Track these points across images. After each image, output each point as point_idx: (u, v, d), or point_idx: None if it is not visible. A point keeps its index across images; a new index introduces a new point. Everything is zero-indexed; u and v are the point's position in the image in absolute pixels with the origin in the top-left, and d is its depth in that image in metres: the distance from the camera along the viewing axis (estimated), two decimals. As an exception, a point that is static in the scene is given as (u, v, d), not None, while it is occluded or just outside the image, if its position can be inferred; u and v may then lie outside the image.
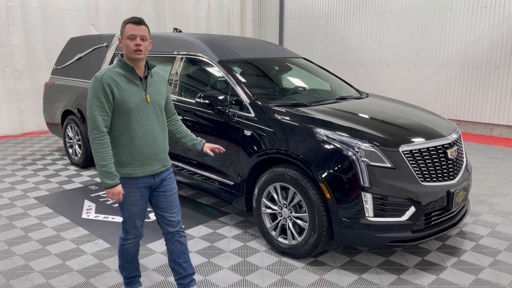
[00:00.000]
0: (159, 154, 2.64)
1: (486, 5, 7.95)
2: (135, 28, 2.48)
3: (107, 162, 2.45)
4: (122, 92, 2.48)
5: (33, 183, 5.43)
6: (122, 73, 2.52)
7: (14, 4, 7.95)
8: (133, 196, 2.59)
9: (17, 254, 3.60)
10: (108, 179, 2.46)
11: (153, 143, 2.59)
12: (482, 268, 3.39)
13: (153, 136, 2.59)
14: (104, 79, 2.45)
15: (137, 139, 2.54)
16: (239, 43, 4.86)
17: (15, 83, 8.23)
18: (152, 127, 2.59)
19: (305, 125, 3.46)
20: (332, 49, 10.40)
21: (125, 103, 2.48)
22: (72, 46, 6.43)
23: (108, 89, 2.44)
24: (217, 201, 4.78)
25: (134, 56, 2.50)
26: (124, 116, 2.50)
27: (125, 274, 2.87)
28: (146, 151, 2.57)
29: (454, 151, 3.49)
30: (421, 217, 3.19)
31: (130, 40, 2.48)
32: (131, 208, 2.62)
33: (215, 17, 11.21)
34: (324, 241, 3.30)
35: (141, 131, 2.55)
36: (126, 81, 2.51)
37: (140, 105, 2.53)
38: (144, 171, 2.59)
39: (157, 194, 2.71)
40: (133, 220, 2.66)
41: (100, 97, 2.43)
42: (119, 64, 2.54)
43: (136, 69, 2.55)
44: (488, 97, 8.19)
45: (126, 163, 2.55)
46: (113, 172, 2.47)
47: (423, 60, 8.91)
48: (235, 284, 3.17)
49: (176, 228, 2.76)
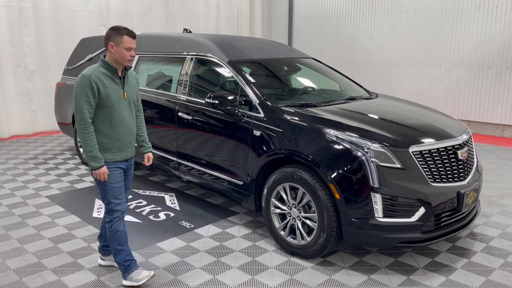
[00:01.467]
0: (132, 141, 3.13)
1: (497, 5, 7.87)
2: (132, 41, 2.93)
3: (93, 148, 2.89)
4: (106, 89, 2.90)
5: (45, 182, 5.50)
6: (106, 73, 2.93)
7: (26, 5, 8.05)
8: (114, 174, 3.02)
9: (30, 252, 3.65)
10: (94, 162, 2.91)
11: (128, 133, 3.06)
12: (493, 269, 3.37)
13: (129, 127, 3.06)
14: (92, 78, 2.85)
15: (117, 129, 2.99)
16: (249, 44, 4.88)
17: (27, 83, 8.33)
18: (128, 119, 3.05)
19: (314, 125, 3.46)
20: (342, 49, 10.38)
21: (108, 99, 2.91)
22: (83, 46, 6.50)
23: (95, 86, 2.85)
24: (226, 200, 4.80)
25: (126, 64, 2.96)
26: (107, 109, 2.93)
27: (121, 259, 3.12)
28: (123, 139, 3.03)
29: (465, 152, 3.48)
30: (431, 218, 3.18)
31: (127, 50, 2.91)
32: (114, 185, 3.02)
33: (225, 18, 11.24)
34: (333, 241, 3.30)
35: (120, 123, 3.00)
36: (110, 80, 2.94)
37: (119, 100, 2.98)
38: (121, 156, 3.05)
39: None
40: (115, 195, 3.04)
41: (88, 93, 2.84)
42: (103, 65, 2.94)
43: (118, 70, 2.99)
44: (499, 97, 8.12)
45: (107, 149, 2.99)
46: (98, 155, 2.92)
47: (433, 60, 8.85)
48: (244, 283, 3.19)
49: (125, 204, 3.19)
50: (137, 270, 3.13)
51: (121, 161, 3.06)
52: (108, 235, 3.10)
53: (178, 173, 4.67)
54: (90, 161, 2.91)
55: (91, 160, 2.90)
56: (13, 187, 5.31)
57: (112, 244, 3.10)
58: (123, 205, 3.09)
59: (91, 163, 2.91)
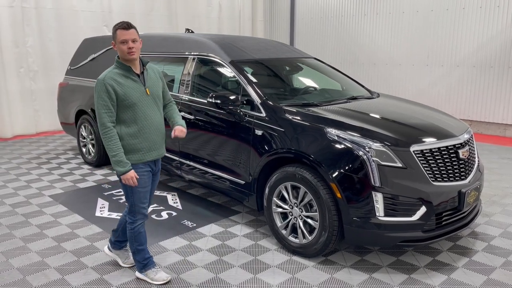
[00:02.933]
0: (161, 140, 3.03)
1: (500, 4, 7.87)
2: (125, 33, 2.80)
3: (116, 152, 2.81)
4: (123, 89, 2.81)
5: (48, 182, 5.53)
6: (121, 73, 2.85)
7: (29, 5, 8.10)
8: (143, 179, 2.95)
9: (33, 250, 3.68)
10: (120, 167, 2.82)
11: (157, 131, 2.97)
12: (494, 268, 3.38)
13: (157, 125, 2.97)
14: (106, 81, 2.78)
15: (144, 128, 2.90)
16: (250, 44, 4.90)
17: (30, 83, 8.37)
18: (153, 116, 2.94)
19: (316, 124, 3.48)
20: (343, 49, 10.38)
21: (127, 98, 2.82)
22: (86, 46, 6.53)
23: (111, 88, 2.77)
24: (228, 200, 4.82)
25: (128, 58, 2.83)
26: (129, 109, 2.84)
27: (140, 258, 3.14)
28: (152, 138, 2.94)
29: (466, 151, 3.48)
30: (432, 217, 3.19)
31: (122, 44, 2.80)
32: (140, 190, 2.96)
33: (227, 18, 11.26)
34: (335, 240, 3.32)
35: (147, 122, 2.90)
36: (126, 79, 2.84)
37: (141, 98, 2.88)
38: (151, 155, 2.96)
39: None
40: (140, 200, 2.99)
41: (104, 97, 2.77)
42: (117, 65, 2.87)
43: (132, 67, 2.88)
44: (501, 97, 8.11)
45: (137, 150, 2.90)
46: (123, 160, 2.82)
47: (435, 60, 8.85)
48: (246, 282, 3.21)
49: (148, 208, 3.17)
50: (154, 268, 3.17)
51: (151, 161, 3.00)
52: (129, 235, 3.09)
53: (180, 173, 4.69)
54: (115, 166, 2.82)
55: (116, 165, 2.82)
56: (17, 186, 5.34)
57: (133, 244, 3.11)
58: (146, 209, 3.08)
59: (116, 168, 2.83)
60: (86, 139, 6.25)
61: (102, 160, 6.07)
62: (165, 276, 3.17)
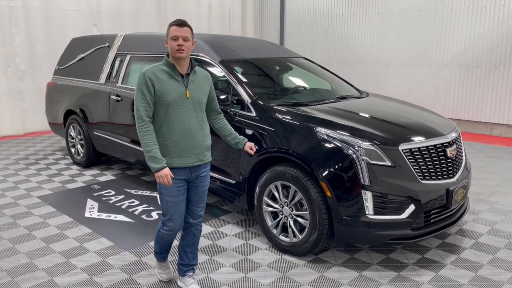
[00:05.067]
0: (195, 148, 2.80)
1: (486, 5, 7.97)
2: (178, 29, 2.71)
3: (151, 148, 2.67)
4: (162, 86, 2.71)
5: (36, 183, 5.47)
6: (164, 70, 2.75)
7: (17, 4, 8.00)
8: (170, 187, 2.76)
9: (21, 252, 3.64)
10: (154, 163, 2.66)
11: (188, 137, 2.77)
12: (482, 265, 3.43)
13: (189, 130, 2.77)
14: (147, 74, 2.70)
15: (174, 131, 2.74)
16: (240, 43, 4.90)
17: (17, 83, 8.27)
18: (189, 122, 2.77)
19: (306, 124, 3.49)
20: (333, 49, 10.44)
21: (164, 96, 2.70)
22: (74, 46, 6.47)
23: (150, 83, 2.69)
24: (219, 199, 4.81)
25: (176, 55, 2.71)
26: (163, 108, 2.72)
27: (156, 249, 3.12)
28: (182, 144, 2.76)
29: (454, 149, 3.53)
30: (420, 215, 3.23)
31: (173, 40, 2.71)
32: (168, 199, 2.80)
33: (216, 17, 11.25)
34: (325, 239, 3.33)
35: (178, 124, 2.74)
36: (167, 77, 2.74)
37: (178, 100, 2.73)
38: (179, 162, 2.77)
39: (189, 187, 2.90)
40: (170, 212, 2.83)
41: (143, 89, 2.69)
42: (164, 62, 2.78)
43: (178, 66, 2.76)
44: (488, 96, 8.22)
45: (164, 153, 2.75)
46: (157, 156, 2.67)
47: (423, 59, 8.94)
48: (237, 281, 3.21)
49: (196, 221, 3.01)
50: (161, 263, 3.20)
51: (180, 169, 2.78)
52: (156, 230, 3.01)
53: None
54: (150, 162, 2.67)
55: (150, 161, 2.67)
56: (4, 187, 5.27)
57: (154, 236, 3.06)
58: (176, 224, 2.86)
59: (150, 164, 2.67)
60: (75, 139, 6.20)
61: (91, 161, 6.02)
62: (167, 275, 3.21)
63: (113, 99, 5.30)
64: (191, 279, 3.10)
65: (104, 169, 6.02)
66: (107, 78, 5.58)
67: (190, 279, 3.10)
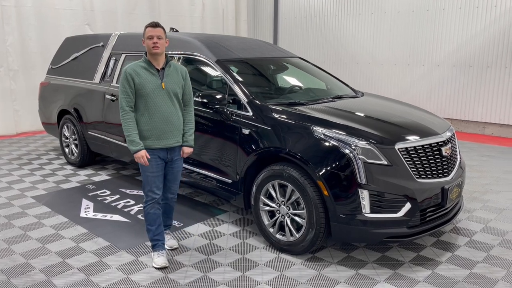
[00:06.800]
0: (173, 131, 3.30)
1: (478, 5, 8.06)
2: (153, 30, 3.20)
3: (131, 133, 3.18)
4: (140, 79, 3.18)
5: (30, 183, 5.43)
6: (142, 66, 3.23)
7: (9, 3, 7.93)
8: (150, 164, 3.26)
9: (17, 252, 3.62)
10: (132, 146, 3.18)
11: (167, 122, 3.25)
12: (476, 262, 3.47)
13: (167, 116, 3.25)
14: (127, 70, 3.19)
15: (154, 117, 3.22)
16: (236, 43, 4.90)
17: (10, 83, 8.20)
18: (166, 109, 3.24)
19: (302, 123, 3.51)
20: (326, 49, 10.48)
21: (143, 88, 3.18)
22: (68, 45, 6.43)
23: (130, 77, 3.16)
24: (215, 199, 4.82)
25: (152, 51, 3.18)
26: (143, 98, 3.19)
27: (150, 236, 3.45)
28: (161, 127, 3.24)
29: (448, 148, 3.57)
30: (416, 213, 3.26)
31: (149, 39, 3.18)
32: (148, 174, 3.29)
33: (210, 17, 11.23)
34: (322, 237, 3.35)
35: (157, 112, 3.21)
36: (145, 72, 3.21)
37: (155, 90, 3.20)
38: (160, 144, 3.26)
39: (167, 168, 3.41)
40: (149, 184, 3.32)
41: (124, 84, 3.17)
42: (142, 59, 3.26)
43: (154, 62, 3.23)
44: (480, 96, 8.31)
45: (147, 137, 3.24)
46: (136, 140, 3.18)
47: (416, 59, 9.01)
48: (235, 280, 3.22)
49: (173, 195, 3.55)
50: (159, 252, 3.43)
51: (160, 150, 3.27)
52: (144, 214, 3.42)
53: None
54: (129, 145, 3.19)
55: (130, 144, 3.18)
56: (-2, 188, 5.24)
57: (145, 222, 3.43)
58: (155, 194, 3.33)
59: (129, 147, 3.19)
60: (69, 139, 6.17)
61: (85, 161, 6.00)
62: (162, 261, 3.39)
63: (107, 99, 5.28)
64: (168, 235, 3.72)
65: (98, 169, 6.00)
66: (102, 77, 5.55)
67: (167, 235, 3.71)
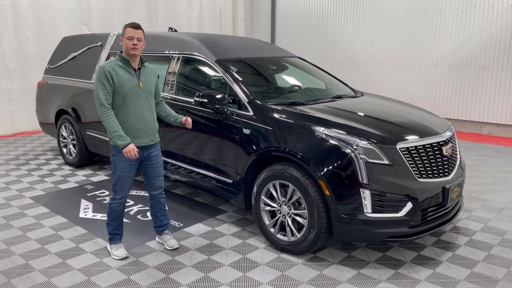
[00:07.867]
0: (148, 130, 3.34)
1: (476, 6, 8.09)
2: (133, 31, 3.22)
3: (116, 128, 3.15)
4: (119, 78, 3.19)
5: (28, 183, 5.40)
6: (120, 65, 3.24)
7: (5, 3, 7.88)
8: (124, 164, 3.29)
9: (16, 253, 3.59)
10: (120, 141, 3.15)
11: (142, 121, 3.29)
12: (477, 262, 3.48)
13: (143, 115, 3.30)
14: (106, 68, 3.18)
15: (130, 116, 3.25)
16: (235, 43, 4.89)
17: (6, 83, 8.15)
18: (142, 108, 3.29)
19: (303, 123, 3.51)
20: (324, 49, 10.48)
21: (122, 87, 3.19)
22: (65, 45, 6.39)
23: (109, 75, 3.16)
24: (214, 199, 4.81)
25: (131, 52, 3.22)
26: (121, 97, 3.20)
27: (110, 230, 3.52)
28: (137, 126, 3.27)
29: (449, 148, 3.57)
30: (417, 213, 3.26)
31: (129, 40, 3.21)
32: (121, 174, 3.32)
33: (207, 17, 11.21)
34: (323, 237, 3.35)
35: (133, 110, 3.25)
36: (123, 71, 3.23)
37: (134, 89, 3.24)
38: (135, 142, 3.25)
39: (146, 165, 3.45)
40: (121, 183, 3.34)
41: (103, 81, 3.15)
42: (119, 58, 3.28)
43: (131, 62, 3.27)
44: (478, 95, 8.34)
45: None
46: (122, 134, 3.16)
47: (413, 59, 9.03)
48: (236, 280, 3.21)
49: (158, 191, 3.58)
50: (117, 244, 3.53)
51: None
52: (107, 209, 3.44)
53: (165, 172, 4.65)
54: (116, 141, 3.14)
55: (117, 139, 3.14)
56: (-5, 188, 5.20)
57: (107, 216, 3.46)
58: (125, 192, 3.38)
59: (117, 142, 3.14)
60: (67, 139, 6.13)
61: (83, 161, 5.97)
62: (123, 253, 3.48)
63: (106, 99, 5.25)
64: (168, 236, 3.71)
65: (97, 169, 5.97)
66: (100, 77, 5.51)
67: (167, 235, 3.71)
